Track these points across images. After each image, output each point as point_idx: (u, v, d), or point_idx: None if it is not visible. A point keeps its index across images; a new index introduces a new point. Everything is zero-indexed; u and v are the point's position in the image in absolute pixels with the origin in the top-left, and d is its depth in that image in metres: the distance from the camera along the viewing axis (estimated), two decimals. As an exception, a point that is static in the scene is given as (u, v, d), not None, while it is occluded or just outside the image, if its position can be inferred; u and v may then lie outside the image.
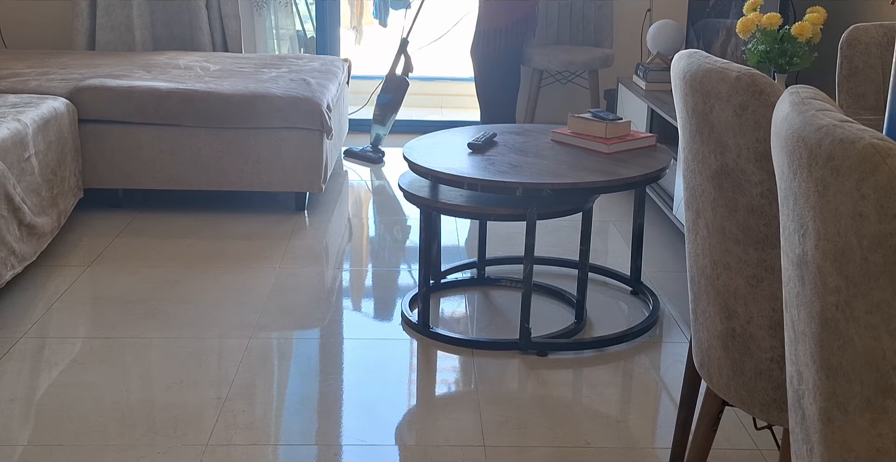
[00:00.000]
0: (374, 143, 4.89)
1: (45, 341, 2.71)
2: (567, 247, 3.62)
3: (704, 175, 1.53)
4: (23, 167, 3.08)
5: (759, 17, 3.17)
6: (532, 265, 2.70)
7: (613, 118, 2.91)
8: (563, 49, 5.00)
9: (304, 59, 4.64)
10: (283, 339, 2.77)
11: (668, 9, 5.15)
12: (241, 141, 3.79)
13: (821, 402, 0.98)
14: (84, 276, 3.20)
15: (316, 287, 3.16)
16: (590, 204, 2.80)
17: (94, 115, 3.75)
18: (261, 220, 3.82)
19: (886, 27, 2.33)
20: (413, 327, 2.85)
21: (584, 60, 4.86)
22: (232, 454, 2.16)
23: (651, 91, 4.17)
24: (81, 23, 4.91)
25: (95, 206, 3.88)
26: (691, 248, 1.66)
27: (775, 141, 1.07)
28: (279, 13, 5.67)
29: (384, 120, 4.88)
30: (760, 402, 1.54)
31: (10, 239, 2.88)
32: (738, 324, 1.54)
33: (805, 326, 1.01)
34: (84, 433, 2.23)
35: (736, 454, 2.22)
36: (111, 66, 4.23)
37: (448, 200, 2.71)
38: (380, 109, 4.88)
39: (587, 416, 2.38)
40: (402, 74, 4.87)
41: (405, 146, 2.89)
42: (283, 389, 2.48)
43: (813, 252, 0.96)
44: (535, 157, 2.79)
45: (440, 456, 2.18)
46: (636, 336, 2.82)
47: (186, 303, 3.00)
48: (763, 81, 1.39)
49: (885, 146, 0.86)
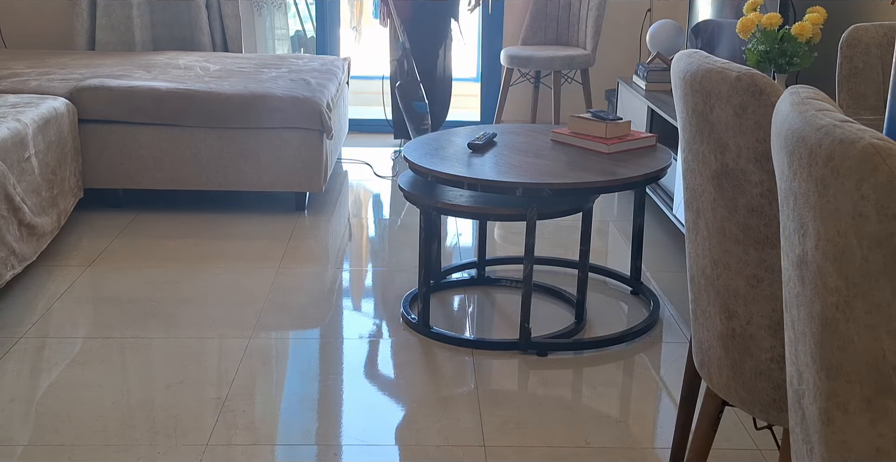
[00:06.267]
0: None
1: (45, 341, 2.71)
2: (567, 247, 3.62)
3: (704, 175, 1.53)
4: (23, 167, 3.08)
5: (759, 17, 3.17)
6: (532, 265, 2.70)
7: (613, 118, 2.91)
8: (534, 48, 5.02)
9: (304, 59, 4.64)
10: (283, 338, 2.77)
11: (668, 9, 5.15)
12: (241, 141, 3.79)
13: (821, 403, 0.98)
14: (84, 276, 3.20)
15: (316, 287, 3.16)
16: (590, 204, 2.80)
17: (94, 115, 3.75)
18: (261, 220, 3.82)
19: (886, 27, 2.33)
20: (413, 327, 2.85)
21: (550, 59, 4.86)
22: (232, 454, 2.16)
23: (651, 91, 4.17)
24: (81, 23, 4.91)
25: (95, 206, 3.88)
26: (691, 248, 1.66)
27: (775, 141, 1.07)
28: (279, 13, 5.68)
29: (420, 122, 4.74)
30: (760, 402, 1.54)
31: (10, 239, 2.88)
32: (738, 324, 1.54)
33: (805, 326, 1.01)
34: (84, 433, 2.23)
35: (736, 454, 2.22)
36: (111, 66, 4.23)
37: (448, 200, 2.71)
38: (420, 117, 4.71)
39: (587, 416, 2.38)
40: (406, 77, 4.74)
41: (405, 146, 2.89)
42: (283, 389, 2.48)
43: (813, 252, 0.96)
44: (535, 157, 2.79)
45: (440, 456, 2.18)
46: (636, 336, 2.82)
47: (186, 303, 3.00)
48: (763, 81, 1.39)
49: (885, 146, 0.86)
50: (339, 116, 4.32)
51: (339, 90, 4.32)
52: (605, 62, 5.26)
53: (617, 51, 5.30)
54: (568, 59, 4.89)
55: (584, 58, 4.92)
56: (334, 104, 4.10)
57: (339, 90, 4.32)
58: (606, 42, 5.26)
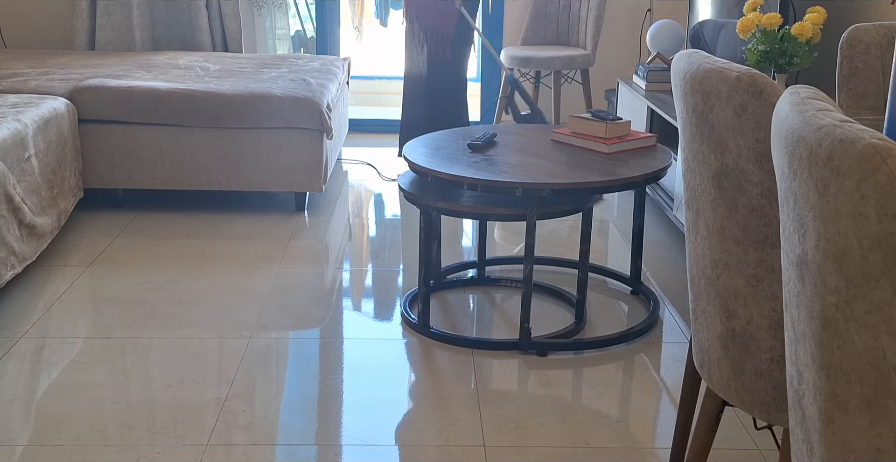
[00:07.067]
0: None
1: (45, 341, 2.71)
2: (567, 247, 3.62)
3: (704, 175, 1.53)
4: (23, 167, 3.08)
5: (759, 17, 3.17)
6: (532, 265, 2.70)
7: (613, 118, 2.91)
8: (534, 48, 5.02)
9: (304, 59, 4.64)
10: (283, 338, 2.77)
11: (668, 9, 5.15)
12: (241, 141, 3.79)
13: (821, 403, 0.98)
14: (84, 276, 3.20)
15: (316, 287, 3.16)
16: (590, 204, 2.80)
17: (94, 115, 3.75)
18: (261, 220, 3.82)
19: (886, 27, 2.33)
20: (413, 327, 2.85)
21: (550, 59, 4.85)
22: (232, 454, 2.16)
23: (651, 91, 4.17)
24: (81, 23, 4.91)
25: (95, 206, 3.88)
26: (691, 248, 1.66)
27: (775, 141, 1.07)
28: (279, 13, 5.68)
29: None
30: (760, 402, 1.54)
31: (10, 239, 2.88)
32: (738, 324, 1.54)
33: (805, 326, 1.01)
34: (84, 433, 2.23)
35: (736, 454, 2.22)
36: (111, 66, 4.23)
37: (448, 200, 2.71)
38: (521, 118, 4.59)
39: (587, 416, 2.38)
40: (530, 110, 4.56)
41: (405, 146, 2.89)
42: (283, 389, 2.48)
43: (813, 252, 0.96)
44: (535, 157, 2.79)
45: (440, 456, 2.18)
46: (636, 336, 2.82)
47: (186, 303, 3.00)
48: (763, 81, 1.39)
49: (885, 146, 0.86)
50: (339, 116, 4.32)
51: (340, 90, 4.33)
52: (605, 62, 5.26)
53: (617, 51, 5.30)
54: (568, 59, 4.89)
55: (584, 58, 4.92)
56: (334, 104, 4.10)
57: (340, 90, 4.33)
58: (606, 42, 5.26)
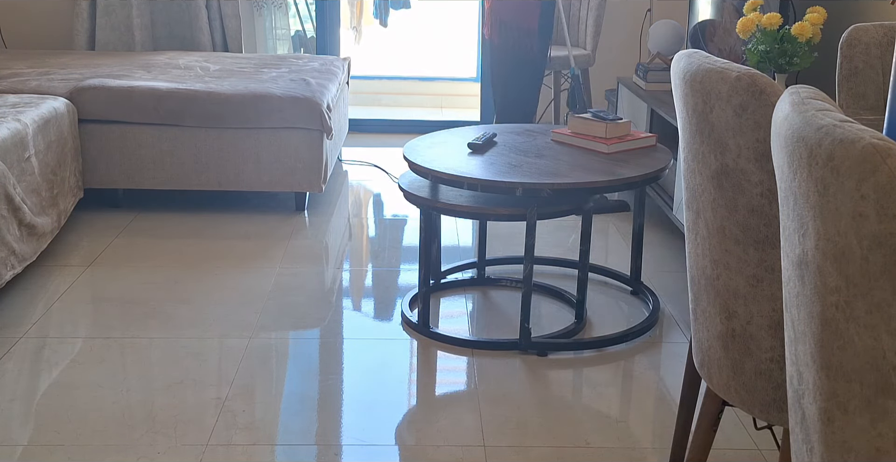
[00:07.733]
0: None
1: (45, 341, 2.71)
2: (567, 247, 3.62)
3: (704, 175, 1.53)
4: (23, 167, 3.08)
5: (759, 17, 3.17)
6: (532, 265, 2.70)
7: (613, 118, 2.91)
8: None
9: (304, 59, 4.64)
10: (283, 338, 2.77)
11: (668, 9, 5.15)
12: (241, 141, 3.79)
13: (821, 403, 0.98)
14: (84, 276, 3.20)
15: (316, 287, 3.16)
16: (590, 204, 2.80)
17: (94, 115, 3.75)
18: (261, 220, 3.82)
19: (886, 27, 2.33)
20: (413, 327, 2.85)
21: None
22: (232, 454, 2.16)
23: (651, 91, 4.17)
24: (81, 23, 4.91)
25: (95, 206, 3.88)
26: (691, 248, 1.66)
27: (775, 141, 1.07)
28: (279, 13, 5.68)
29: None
30: (760, 402, 1.54)
31: (10, 239, 2.88)
32: (738, 324, 1.54)
33: (805, 326, 1.01)
34: (84, 433, 2.23)
35: (736, 454, 2.22)
36: (111, 66, 4.23)
37: (448, 200, 2.71)
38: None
39: (587, 416, 2.38)
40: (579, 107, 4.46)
41: (405, 146, 2.89)
42: (283, 389, 2.48)
43: (813, 252, 0.96)
44: (535, 157, 2.79)
45: (440, 456, 2.18)
46: (636, 336, 2.82)
47: (186, 303, 3.00)
48: (763, 81, 1.39)
49: (885, 146, 0.86)
50: (339, 116, 4.32)
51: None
52: (605, 62, 5.26)
53: (617, 51, 5.30)
54: (568, 59, 4.89)
55: (584, 58, 4.92)
56: (334, 104, 4.10)
57: (340, 90, 4.33)
58: (606, 42, 5.26)
